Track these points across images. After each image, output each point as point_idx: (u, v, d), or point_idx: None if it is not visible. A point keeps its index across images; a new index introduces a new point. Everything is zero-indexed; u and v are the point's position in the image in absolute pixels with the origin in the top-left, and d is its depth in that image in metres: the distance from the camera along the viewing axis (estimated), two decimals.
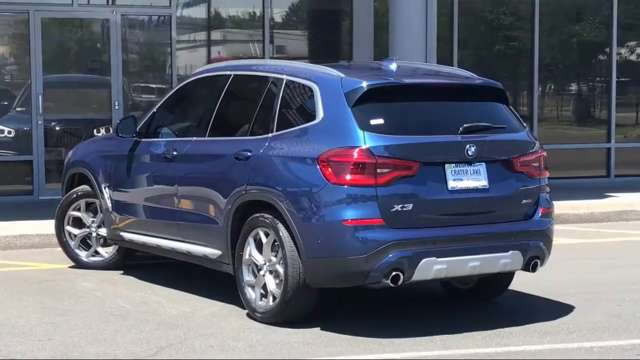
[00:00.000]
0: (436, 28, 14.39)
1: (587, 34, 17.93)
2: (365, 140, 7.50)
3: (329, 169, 7.51)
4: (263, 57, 15.44)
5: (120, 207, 9.74)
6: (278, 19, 16.42)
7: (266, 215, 7.91)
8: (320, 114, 7.83)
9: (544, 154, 8.27)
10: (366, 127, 7.57)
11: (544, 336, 7.69)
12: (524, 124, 8.37)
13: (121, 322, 8.08)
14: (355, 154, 7.46)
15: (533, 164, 8.13)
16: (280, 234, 7.76)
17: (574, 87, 18.32)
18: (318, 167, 7.56)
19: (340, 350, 7.26)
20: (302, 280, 7.69)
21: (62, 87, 15.39)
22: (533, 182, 8.13)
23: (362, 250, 7.41)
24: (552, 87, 17.98)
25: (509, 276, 8.69)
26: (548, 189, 8.33)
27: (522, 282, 9.29)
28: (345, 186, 7.47)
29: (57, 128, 15.03)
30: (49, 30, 14.93)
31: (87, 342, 7.44)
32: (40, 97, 14.49)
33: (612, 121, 17.49)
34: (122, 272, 10.14)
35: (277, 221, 7.80)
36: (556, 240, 12.01)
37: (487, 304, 8.78)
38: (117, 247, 10.15)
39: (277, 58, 15.74)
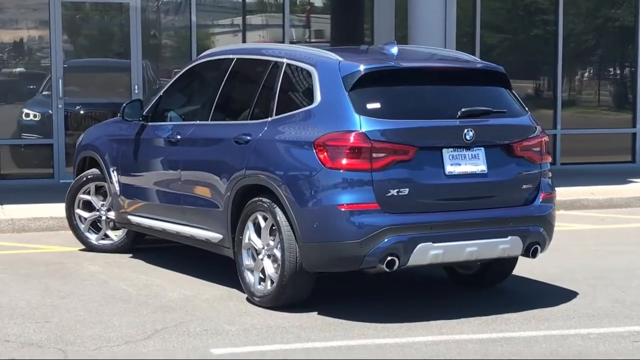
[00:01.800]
0: (456, 10, 14.28)
1: (613, 18, 17.72)
2: (361, 125, 7.46)
3: (325, 154, 7.49)
4: (283, 42, 15.41)
5: (128, 191, 9.78)
6: (298, 3, 16.38)
7: (264, 199, 7.91)
8: (317, 97, 7.80)
9: (546, 138, 8.19)
10: (362, 111, 7.54)
11: (542, 322, 7.62)
12: (526, 109, 8.29)
13: (121, 305, 8.12)
14: (351, 139, 7.43)
15: (534, 149, 8.05)
16: (278, 218, 7.76)
17: (599, 71, 18.11)
18: (314, 151, 7.55)
19: (334, 335, 7.25)
20: (299, 264, 7.68)
21: (82, 71, 15.46)
22: (534, 167, 8.05)
23: (357, 235, 7.39)
24: (577, 72, 17.79)
25: (512, 261, 8.62)
26: (550, 174, 8.26)
27: (529, 268, 9.24)
28: (341, 171, 7.45)
29: (78, 112, 15.12)
30: (69, 14, 15.00)
31: (83, 325, 7.47)
32: (60, 81, 14.59)
33: (638, 106, 17.29)
34: (130, 255, 10.19)
35: (275, 205, 7.80)
36: (571, 226, 12.09)
37: (490, 290, 8.72)
38: (126, 230, 10.20)
39: (296, 43, 15.72)
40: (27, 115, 15.24)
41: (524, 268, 9.13)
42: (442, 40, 13.75)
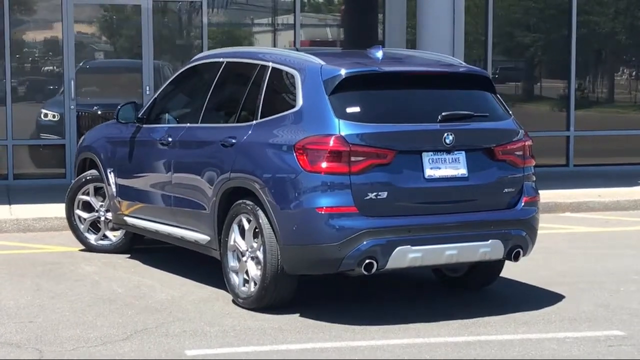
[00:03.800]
0: (464, 10, 14.28)
1: (630, 16, 17.62)
2: (340, 128, 7.52)
3: (305, 157, 7.56)
4: (294, 44, 15.50)
5: (124, 193, 9.90)
6: (309, 3, 16.44)
7: (248, 202, 7.99)
8: (299, 101, 7.88)
9: (529, 142, 8.20)
10: (342, 115, 7.60)
11: (521, 326, 7.64)
12: (510, 112, 8.30)
13: (107, 305, 8.22)
14: (330, 142, 7.49)
15: (516, 153, 8.06)
16: (260, 220, 7.84)
17: (612, 72, 17.99)
18: (294, 154, 7.62)
19: (310, 337, 7.31)
20: (280, 266, 7.75)
21: (95, 72, 15.63)
22: (516, 170, 8.07)
23: (335, 237, 7.45)
24: (590, 71, 17.69)
25: (499, 264, 8.63)
26: (534, 178, 8.26)
27: (521, 271, 9.24)
28: (320, 174, 7.51)
29: (92, 112, 15.27)
30: (81, 15, 15.17)
31: (65, 326, 7.58)
32: (72, 82, 14.74)
33: None
34: (128, 255, 10.30)
35: (258, 208, 7.88)
36: (573, 228, 12.07)
37: (477, 292, 8.73)
38: (124, 231, 10.30)
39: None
40: (46, 115, 15.42)
41: (516, 270, 9.14)
42: (451, 37, 13.73)
